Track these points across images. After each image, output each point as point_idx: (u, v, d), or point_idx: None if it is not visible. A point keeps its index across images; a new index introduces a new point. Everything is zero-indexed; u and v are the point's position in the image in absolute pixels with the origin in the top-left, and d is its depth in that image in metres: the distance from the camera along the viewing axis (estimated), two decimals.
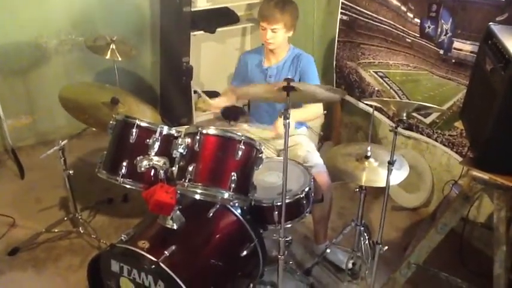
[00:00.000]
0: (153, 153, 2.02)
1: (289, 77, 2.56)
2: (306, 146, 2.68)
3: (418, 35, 2.81)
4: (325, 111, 3.60)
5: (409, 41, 2.88)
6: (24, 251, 2.71)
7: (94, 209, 3.05)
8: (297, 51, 2.69)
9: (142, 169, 1.95)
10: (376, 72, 3.21)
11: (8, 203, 3.11)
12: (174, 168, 1.99)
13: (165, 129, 2.09)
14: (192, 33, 3.69)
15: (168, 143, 2.05)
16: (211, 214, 2.13)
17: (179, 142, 1.98)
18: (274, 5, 2.48)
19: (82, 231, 2.76)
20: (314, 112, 2.69)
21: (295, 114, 2.51)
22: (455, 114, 2.68)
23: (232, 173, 1.95)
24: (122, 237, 1.97)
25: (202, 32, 3.84)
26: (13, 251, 2.69)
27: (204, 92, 4.27)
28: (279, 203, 2.12)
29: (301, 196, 2.22)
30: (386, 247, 2.13)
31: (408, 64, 2.95)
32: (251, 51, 2.84)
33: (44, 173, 3.35)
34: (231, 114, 4.14)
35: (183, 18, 3.54)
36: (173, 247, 1.90)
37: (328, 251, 2.59)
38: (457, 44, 2.60)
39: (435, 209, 2.89)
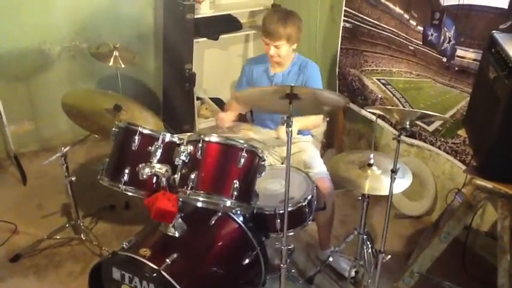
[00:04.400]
0: (155, 161, 2.01)
1: (295, 83, 2.58)
2: (310, 152, 2.69)
3: (421, 43, 2.81)
4: (327, 118, 3.61)
5: (412, 48, 2.88)
6: (26, 258, 2.70)
7: (96, 216, 3.04)
8: (302, 59, 2.68)
9: (144, 176, 1.94)
10: (379, 80, 3.20)
11: (10, 209, 3.11)
12: (176, 175, 1.98)
13: (168, 137, 2.08)
14: (195, 40, 3.70)
15: (170, 150, 2.05)
16: (213, 222, 2.13)
17: (181, 149, 1.98)
18: (276, 19, 2.46)
19: (84, 238, 2.75)
20: (314, 120, 2.70)
21: (296, 123, 2.52)
22: (458, 122, 2.67)
23: (235, 181, 1.94)
24: (124, 245, 1.97)
25: (205, 39, 3.85)
26: (15, 258, 2.68)
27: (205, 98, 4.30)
28: (281, 211, 2.12)
29: (304, 204, 2.21)
30: (389, 256, 2.11)
31: (411, 72, 2.95)
32: (255, 59, 2.84)
33: (46, 180, 3.35)
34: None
35: (186, 25, 3.55)
36: (175, 255, 1.89)
37: (330, 259, 2.58)
38: (460, 52, 2.60)
39: (438, 217, 2.87)
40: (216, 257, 2.13)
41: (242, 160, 1.95)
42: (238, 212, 2.12)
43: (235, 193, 1.94)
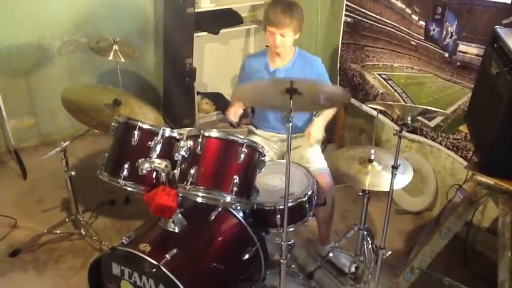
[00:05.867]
0: (154, 156, 2.00)
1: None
2: (311, 147, 2.67)
3: (423, 38, 2.79)
4: None
5: (414, 43, 2.87)
6: (26, 252, 2.70)
7: (96, 211, 3.04)
8: (303, 52, 2.67)
9: (144, 172, 1.94)
10: (380, 75, 3.19)
11: (10, 204, 3.11)
12: (175, 171, 1.97)
13: (167, 132, 2.07)
14: (195, 35, 3.69)
15: (170, 145, 2.04)
16: (213, 217, 2.13)
17: (181, 145, 1.97)
18: (281, 10, 2.46)
19: (84, 233, 2.75)
20: (332, 111, 2.73)
21: (321, 122, 2.60)
22: (459, 118, 2.66)
23: (235, 176, 1.93)
24: (123, 240, 1.96)
25: (205, 33, 3.84)
26: (14, 252, 2.68)
27: (206, 93, 4.30)
28: (281, 207, 2.11)
29: (304, 200, 2.20)
30: (389, 252, 2.11)
31: (413, 67, 2.93)
32: (255, 55, 2.83)
33: (46, 174, 3.35)
34: None
35: (187, 19, 3.53)
36: (174, 250, 1.88)
37: (331, 254, 2.58)
38: (462, 47, 2.58)
39: (439, 213, 2.87)
40: (215, 253, 2.13)
41: (242, 155, 1.94)
42: (238, 208, 2.12)
43: (235, 188, 1.93)
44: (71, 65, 3.73)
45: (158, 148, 2.02)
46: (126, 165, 2.07)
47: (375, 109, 3.19)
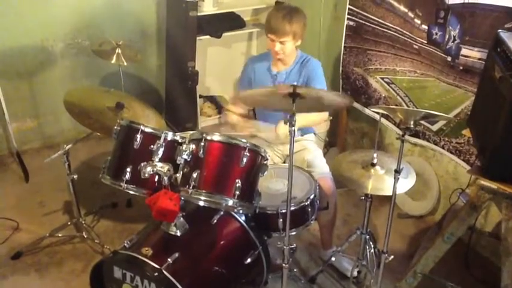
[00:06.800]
0: (157, 159, 2.00)
1: (297, 81, 2.56)
2: (313, 151, 2.67)
3: (426, 42, 2.79)
4: (331, 117, 3.60)
5: (417, 47, 2.86)
6: (28, 255, 2.70)
7: (98, 214, 3.04)
8: (305, 56, 2.67)
9: (146, 175, 1.93)
10: (382, 79, 3.18)
11: (12, 207, 3.11)
12: (178, 174, 1.97)
13: (170, 135, 2.07)
14: (198, 38, 3.69)
15: (172, 149, 2.04)
16: (215, 221, 2.12)
17: (183, 148, 1.97)
18: (282, 17, 2.44)
19: (85, 236, 2.75)
20: (318, 117, 2.67)
21: (299, 119, 2.50)
22: (462, 122, 2.65)
23: (237, 180, 1.93)
24: (125, 244, 1.96)
25: (208, 36, 3.84)
26: (16, 255, 2.68)
27: (209, 96, 4.30)
28: (283, 211, 2.10)
29: (306, 204, 2.20)
30: (392, 256, 2.10)
31: (415, 71, 2.93)
32: (258, 57, 2.83)
33: (49, 177, 3.35)
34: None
35: (189, 23, 3.54)
36: (176, 254, 1.88)
37: (333, 258, 2.57)
38: (464, 51, 2.58)
39: (442, 217, 2.86)
40: (218, 256, 2.13)
41: (244, 159, 1.94)
42: (241, 212, 2.11)
43: (238, 192, 1.93)
44: (73, 68, 3.74)
45: (160, 152, 2.03)
46: (128, 169, 2.07)
47: (378, 113, 3.17)
